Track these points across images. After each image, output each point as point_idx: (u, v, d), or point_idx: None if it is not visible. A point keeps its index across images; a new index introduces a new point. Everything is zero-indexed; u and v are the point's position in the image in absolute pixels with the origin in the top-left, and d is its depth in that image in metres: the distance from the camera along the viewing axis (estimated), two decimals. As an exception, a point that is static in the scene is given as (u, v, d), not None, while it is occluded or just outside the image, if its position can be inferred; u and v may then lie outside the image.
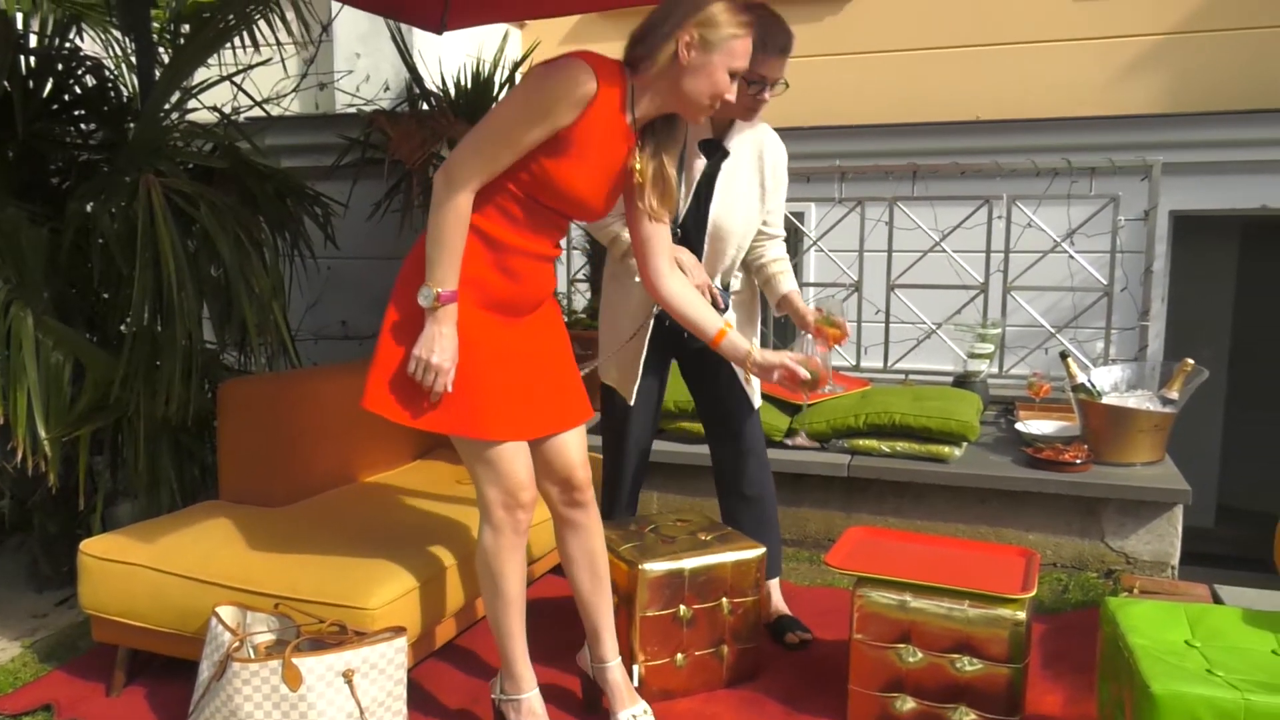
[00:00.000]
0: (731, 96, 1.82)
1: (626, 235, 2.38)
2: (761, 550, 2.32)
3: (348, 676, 1.86)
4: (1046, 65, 4.40)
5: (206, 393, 3.01)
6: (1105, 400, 3.12)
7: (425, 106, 4.02)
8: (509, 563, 1.98)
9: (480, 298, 1.88)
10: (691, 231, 2.39)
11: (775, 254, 2.53)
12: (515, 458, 1.93)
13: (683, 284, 2.04)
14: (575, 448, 2.05)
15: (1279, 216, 4.31)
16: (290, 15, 3.60)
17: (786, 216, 2.70)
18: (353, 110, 4.34)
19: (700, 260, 2.39)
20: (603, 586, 2.12)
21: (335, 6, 4.35)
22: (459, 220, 1.79)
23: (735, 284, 2.55)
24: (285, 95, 4.19)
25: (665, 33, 1.78)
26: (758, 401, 2.59)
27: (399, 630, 1.97)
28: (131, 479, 2.85)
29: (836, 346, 2.35)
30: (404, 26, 4.00)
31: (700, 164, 2.38)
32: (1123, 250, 3.81)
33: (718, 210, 2.38)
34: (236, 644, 1.91)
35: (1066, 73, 4.37)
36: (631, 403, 2.52)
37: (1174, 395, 3.08)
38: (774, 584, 2.67)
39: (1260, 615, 1.88)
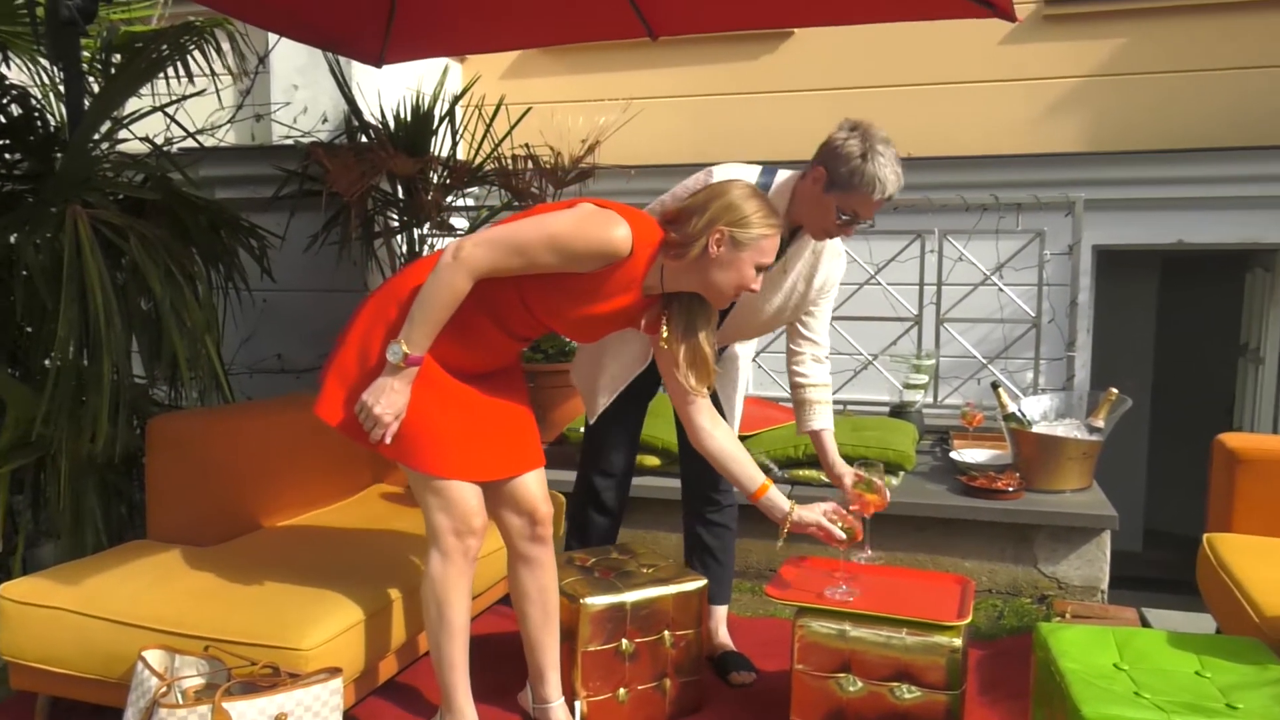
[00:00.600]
0: (756, 287, 1.91)
1: None
2: (703, 582, 2.32)
3: None
4: (974, 105, 4.54)
5: (135, 429, 2.92)
6: (1035, 429, 3.21)
7: (364, 139, 4.00)
8: (455, 590, 2.00)
9: (441, 357, 1.95)
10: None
11: (814, 375, 2.41)
12: (464, 486, 1.98)
13: (726, 439, 2.11)
14: (536, 484, 2.13)
15: (1195, 251, 4.50)
16: (226, 46, 3.56)
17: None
18: (290, 142, 4.30)
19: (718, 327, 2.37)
20: (552, 624, 2.15)
21: (272, 38, 4.31)
22: (452, 298, 1.85)
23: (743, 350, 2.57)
24: (220, 126, 4.13)
25: (699, 228, 1.86)
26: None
27: (334, 671, 1.92)
28: (54, 519, 2.76)
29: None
30: (343, 59, 3.99)
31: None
32: (1049, 283, 3.94)
33: (743, 306, 2.31)
34: (164, 689, 1.85)
35: (993, 112, 4.53)
36: (595, 418, 2.55)
37: (1100, 424, 3.18)
38: (721, 612, 2.67)
39: (1184, 637, 1.94)
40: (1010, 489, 3.08)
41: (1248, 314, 4.98)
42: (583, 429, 3.41)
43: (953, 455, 3.44)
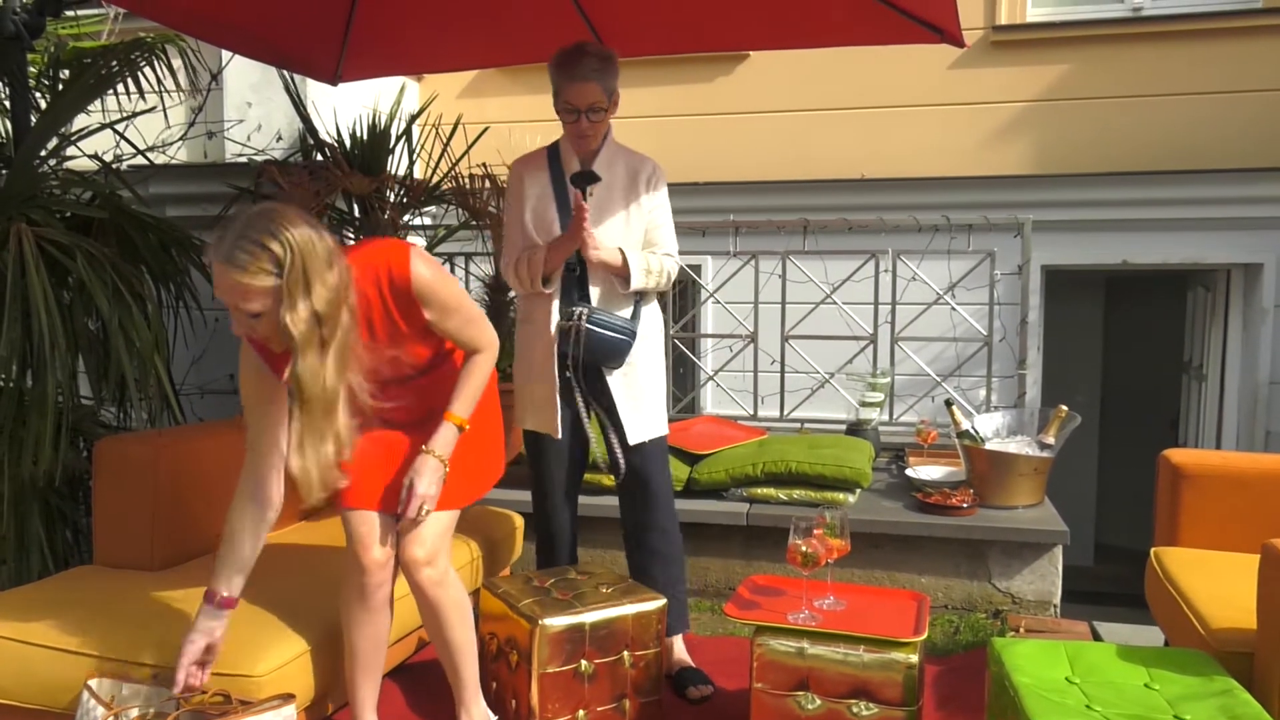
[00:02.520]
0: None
1: (515, 273, 2.53)
2: (662, 601, 2.32)
3: None
4: (925, 128, 4.63)
5: (81, 451, 2.86)
6: (988, 446, 3.26)
7: (319, 157, 3.96)
8: (354, 619, 2.06)
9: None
10: (575, 258, 2.48)
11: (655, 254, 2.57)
12: (363, 519, 2.04)
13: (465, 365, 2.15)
14: (414, 524, 2.08)
15: (1139, 271, 4.62)
16: (178, 63, 3.52)
17: (684, 269, 2.76)
18: (243, 160, 4.25)
19: (589, 284, 2.48)
20: (450, 662, 2.16)
21: (226, 55, 4.27)
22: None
23: (640, 313, 2.56)
24: (172, 144, 4.07)
25: None
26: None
27: (287, 697, 1.89)
28: (-4, 545, 2.68)
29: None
30: (297, 77, 3.96)
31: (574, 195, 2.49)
32: (1000, 302, 4.01)
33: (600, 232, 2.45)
34: (110, 718, 1.80)
35: (943, 135, 4.62)
36: (558, 435, 2.52)
37: (1051, 440, 3.24)
38: (676, 639, 2.66)
39: (1133, 650, 1.98)
40: (964, 505, 3.12)
41: (1190, 332, 5.12)
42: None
43: (908, 472, 3.48)
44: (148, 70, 3.36)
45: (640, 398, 2.55)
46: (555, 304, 2.49)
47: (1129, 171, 4.34)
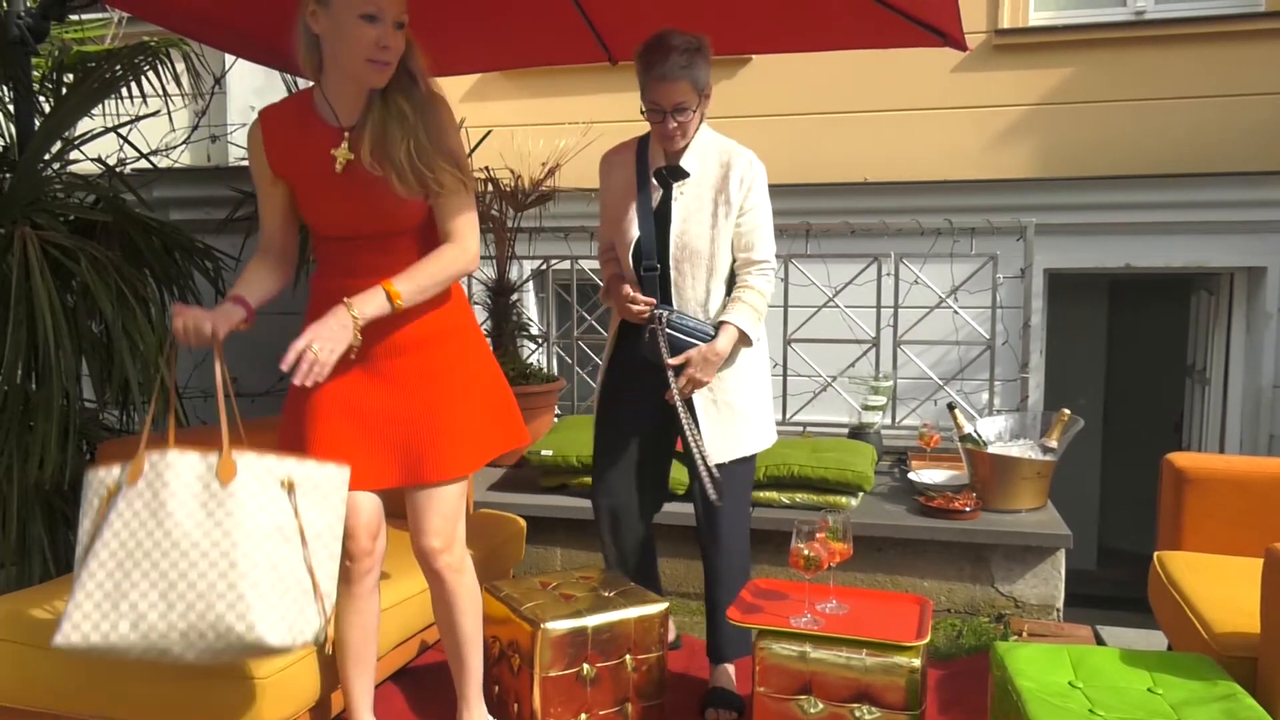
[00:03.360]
0: (388, 46, 1.73)
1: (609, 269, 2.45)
2: (664, 605, 2.31)
3: (288, 486, 1.71)
4: (928, 131, 4.63)
5: (85, 454, 2.86)
6: (991, 450, 3.25)
7: (322, 161, 3.97)
8: (343, 610, 1.99)
9: None
10: (657, 258, 2.34)
11: (746, 280, 2.36)
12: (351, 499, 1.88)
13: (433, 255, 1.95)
14: (424, 508, 1.97)
15: (1142, 274, 4.61)
16: (181, 67, 3.53)
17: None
18: (246, 164, 4.26)
19: (671, 286, 2.34)
20: (461, 654, 2.11)
21: (229, 59, 4.28)
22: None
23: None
24: (175, 147, 4.08)
25: (298, 18, 1.78)
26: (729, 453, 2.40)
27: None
28: (0, 547, 2.68)
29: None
30: (301, 80, 3.97)
31: (658, 194, 2.36)
32: (1002, 306, 4.01)
33: (677, 231, 2.32)
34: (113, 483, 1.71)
35: (946, 138, 4.62)
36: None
37: (1053, 444, 3.23)
38: (723, 668, 2.49)
39: (1136, 655, 1.97)
40: (967, 509, 3.11)
41: (1193, 335, 5.11)
42: (544, 452, 3.40)
43: (910, 476, 3.47)
44: (151, 74, 3.37)
45: (725, 412, 2.38)
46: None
47: (1132, 175, 4.33)
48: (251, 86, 4.47)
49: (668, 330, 2.29)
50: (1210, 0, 4.39)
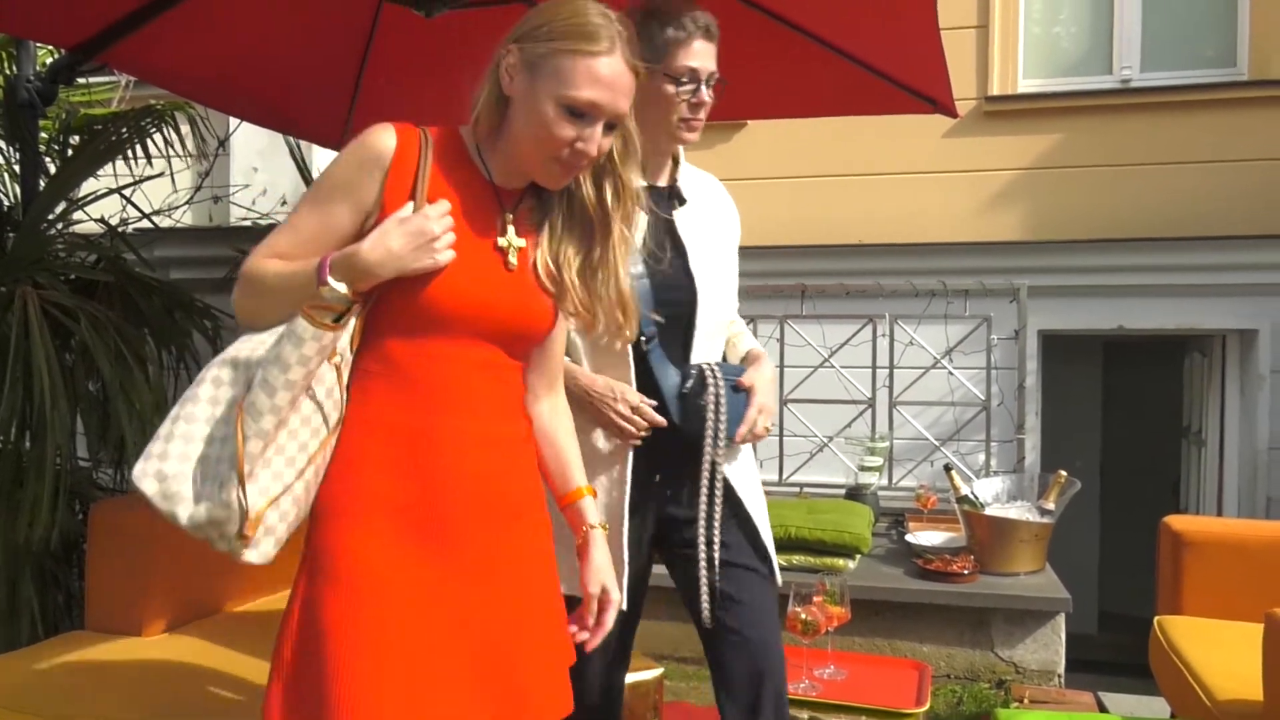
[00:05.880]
0: (588, 150, 1.27)
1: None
2: (658, 672, 2.28)
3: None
4: (921, 194, 4.70)
5: (77, 514, 2.84)
6: (988, 511, 3.24)
7: (323, 221, 4.02)
8: None
9: (383, 508, 1.27)
10: (684, 297, 1.76)
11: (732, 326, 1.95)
12: None
13: (556, 413, 1.49)
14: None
15: (1135, 336, 4.64)
16: (186, 129, 3.58)
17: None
18: (248, 224, 4.30)
19: (693, 341, 1.77)
20: None
21: (233, 121, 4.36)
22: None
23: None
24: (178, 208, 4.13)
25: (492, 63, 1.31)
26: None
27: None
28: (-14, 609, 2.65)
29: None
30: (303, 142, 4.03)
31: (642, 222, 1.70)
32: (997, 367, 4.03)
33: (699, 268, 1.77)
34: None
35: (939, 202, 4.68)
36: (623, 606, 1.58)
37: (1050, 506, 3.23)
38: None
39: (1139, 722, 1.95)
40: (965, 572, 3.09)
41: (1188, 397, 5.13)
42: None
43: (908, 538, 3.45)
44: (157, 136, 3.42)
45: (757, 488, 1.88)
46: (665, 368, 1.74)
47: (1122, 238, 4.39)
48: (254, 148, 4.54)
49: (721, 384, 1.72)
50: (1195, 69, 4.50)
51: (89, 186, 3.32)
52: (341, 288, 1.23)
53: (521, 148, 1.30)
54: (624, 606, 1.58)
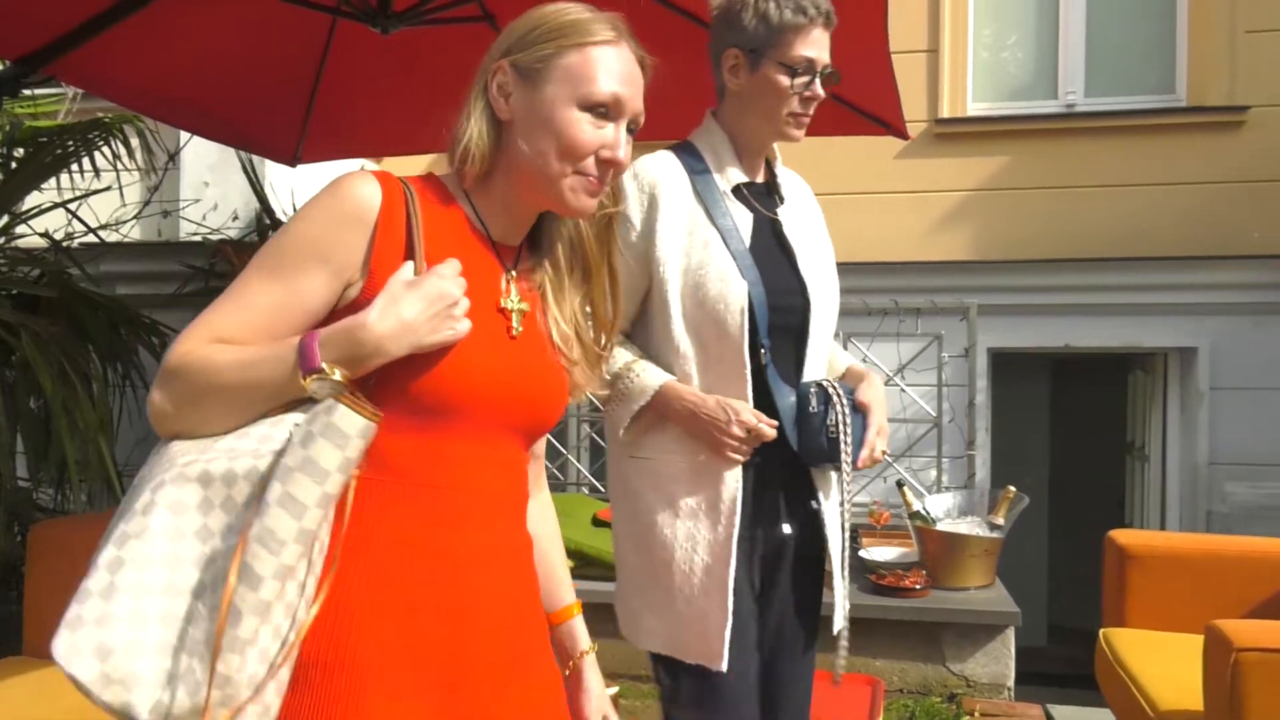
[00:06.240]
0: (616, 155, 1.09)
1: (644, 379, 1.55)
2: (614, 690, 2.27)
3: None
4: (874, 215, 4.77)
5: (15, 535, 2.77)
6: (939, 527, 3.28)
7: (275, 237, 3.98)
8: None
9: (399, 658, 1.01)
10: (800, 302, 1.62)
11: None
12: None
13: (545, 513, 1.30)
14: None
15: (1082, 354, 4.74)
16: (136, 142, 3.53)
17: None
18: (198, 239, 4.24)
19: (805, 354, 1.63)
20: None
21: (184, 135, 4.30)
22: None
23: None
24: (126, 222, 4.06)
25: (473, 93, 1.13)
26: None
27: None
28: (-81, 635, 2.56)
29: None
30: (256, 157, 3.99)
31: (747, 221, 1.61)
32: (948, 384, 4.09)
33: (808, 272, 1.65)
34: None
35: (891, 222, 4.76)
36: (724, 666, 1.51)
37: (1000, 521, 3.28)
38: None
39: (1085, 733, 1.99)
40: (918, 587, 3.13)
41: (1132, 414, 5.25)
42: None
43: (861, 554, 3.49)
44: (105, 149, 3.37)
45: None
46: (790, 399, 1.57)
47: (1069, 258, 4.49)
48: (205, 163, 4.48)
49: (846, 405, 1.58)
50: (1136, 95, 4.63)
51: (34, 200, 3.26)
52: (336, 374, 0.96)
53: (532, 178, 1.10)
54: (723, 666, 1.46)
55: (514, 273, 1.14)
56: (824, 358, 1.70)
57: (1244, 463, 4.28)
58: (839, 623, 1.66)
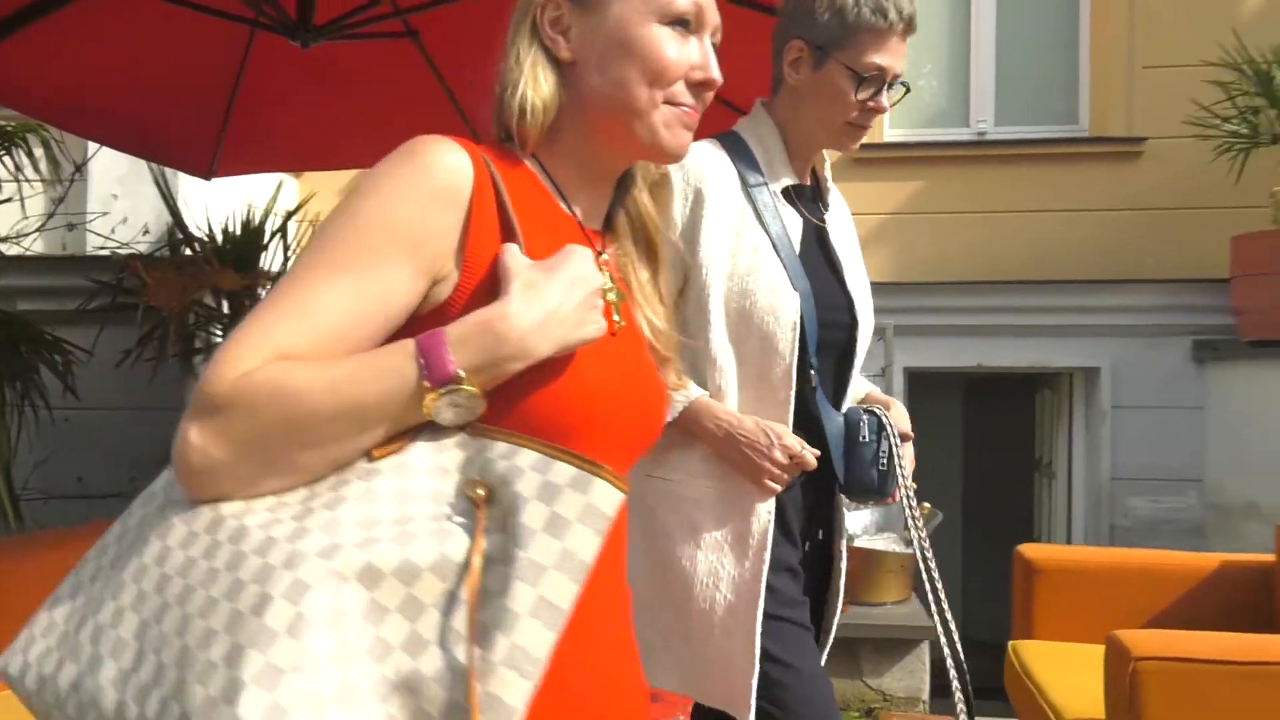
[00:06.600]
0: (709, 73, 0.91)
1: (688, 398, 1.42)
2: None
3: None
4: (794, 236, 4.86)
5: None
6: (857, 543, 3.35)
7: (188, 252, 3.86)
8: None
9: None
10: (847, 318, 1.53)
11: None
12: None
13: None
14: None
15: (992, 374, 4.90)
16: (40, 152, 3.40)
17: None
18: (106, 253, 4.10)
19: (849, 375, 1.56)
20: None
21: (92, 146, 4.15)
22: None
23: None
24: (28, 235, 3.90)
25: (515, 41, 0.93)
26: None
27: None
28: None
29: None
30: (168, 170, 3.88)
31: (797, 227, 1.51)
32: (866, 403, 4.18)
33: (853, 285, 1.59)
34: None
35: (812, 243, 4.85)
36: (750, 715, 1.43)
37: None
38: None
39: (995, 743, 2.04)
40: (836, 602, 3.18)
41: (1039, 431, 5.43)
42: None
43: (782, 570, 3.53)
44: (6, 159, 3.24)
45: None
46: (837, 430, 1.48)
47: (980, 281, 4.64)
48: (114, 175, 4.34)
49: (896, 434, 1.50)
50: (1043, 124, 4.82)
51: (-73, 210, 3.11)
52: (472, 387, 0.74)
53: (613, 119, 0.91)
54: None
55: (606, 258, 0.94)
56: (859, 379, 1.61)
57: (1144, 478, 4.47)
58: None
